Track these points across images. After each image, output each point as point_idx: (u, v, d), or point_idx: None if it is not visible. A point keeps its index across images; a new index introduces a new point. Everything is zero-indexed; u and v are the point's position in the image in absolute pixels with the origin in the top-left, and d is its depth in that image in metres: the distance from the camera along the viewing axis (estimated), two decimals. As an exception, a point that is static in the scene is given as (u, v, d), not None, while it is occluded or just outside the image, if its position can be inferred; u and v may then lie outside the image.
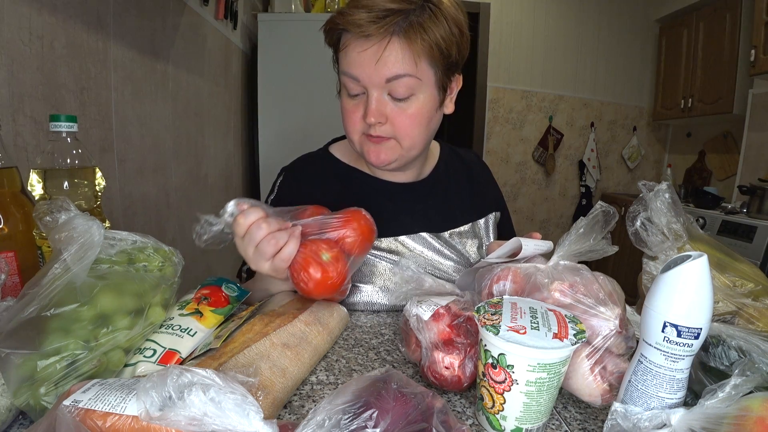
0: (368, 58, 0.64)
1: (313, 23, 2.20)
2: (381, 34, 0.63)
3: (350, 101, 0.71)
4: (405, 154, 0.73)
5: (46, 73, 0.89)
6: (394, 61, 0.64)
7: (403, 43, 0.63)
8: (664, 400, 0.42)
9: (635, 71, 3.71)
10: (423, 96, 0.68)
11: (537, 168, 3.73)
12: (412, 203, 0.82)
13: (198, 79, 1.70)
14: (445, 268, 0.81)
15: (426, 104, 0.69)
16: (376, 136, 0.69)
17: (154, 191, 1.38)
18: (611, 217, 0.54)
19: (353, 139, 0.73)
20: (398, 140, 0.71)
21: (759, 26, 2.47)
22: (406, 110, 0.68)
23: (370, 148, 0.71)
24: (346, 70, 0.68)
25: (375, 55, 0.64)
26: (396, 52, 0.64)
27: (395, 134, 0.70)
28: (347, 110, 0.71)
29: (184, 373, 0.29)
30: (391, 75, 0.65)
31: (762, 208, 2.31)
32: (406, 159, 0.74)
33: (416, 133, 0.70)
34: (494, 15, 3.42)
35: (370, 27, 0.62)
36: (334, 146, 0.88)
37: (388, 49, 0.63)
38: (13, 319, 0.40)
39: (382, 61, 0.64)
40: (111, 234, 0.49)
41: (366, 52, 0.64)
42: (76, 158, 0.56)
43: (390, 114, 0.68)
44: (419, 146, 0.73)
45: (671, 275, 0.40)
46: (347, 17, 0.64)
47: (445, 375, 0.51)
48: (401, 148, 0.71)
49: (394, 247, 0.78)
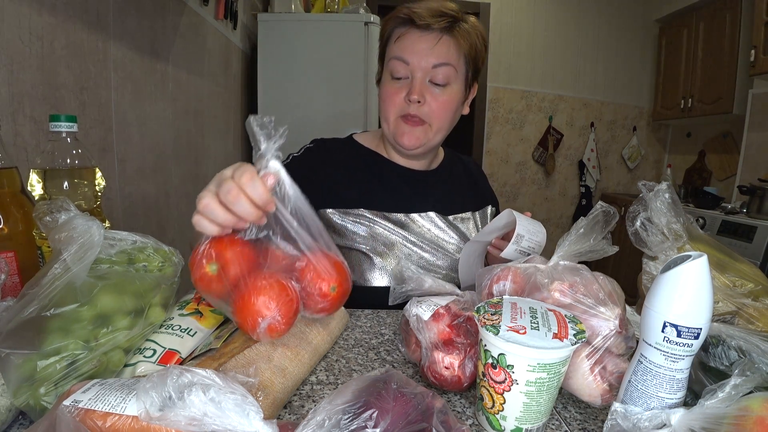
0: (423, 44, 0.79)
1: (313, 23, 2.20)
2: (436, 28, 0.79)
3: (393, 85, 0.83)
4: (432, 138, 0.85)
5: (46, 73, 0.89)
6: (442, 51, 0.80)
7: (451, 40, 0.80)
8: (664, 400, 0.42)
9: (635, 71, 3.71)
10: (455, 87, 0.83)
11: (537, 168, 3.73)
12: (425, 187, 0.93)
13: (198, 79, 1.70)
14: (447, 246, 0.90)
15: (456, 95, 0.83)
16: (413, 116, 0.82)
17: (154, 191, 1.38)
18: (611, 217, 0.54)
19: (389, 120, 0.85)
20: (430, 122, 0.83)
21: (759, 26, 2.47)
22: (440, 96, 0.82)
23: (405, 130, 0.84)
24: (399, 54, 0.81)
25: (430, 43, 0.79)
26: (445, 44, 0.80)
27: (429, 116, 0.83)
28: (389, 93, 0.84)
29: (184, 373, 0.29)
30: (438, 62, 0.80)
31: (762, 208, 2.31)
32: (430, 145, 0.86)
33: (445, 117, 0.84)
34: (494, 15, 3.42)
35: (430, 19, 0.78)
36: (356, 136, 0.99)
37: (441, 41, 0.79)
38: (13, 319, 0.40)
39: (434, 50, 0.79)
40: (111, 234, 0.49)
41: (422, 39, 0.80)
42: (76, 158, 0.56)
43: (428, 97, 0.81)
44: (443, 131, 0.86)
45: (671, 275, 0.40)
46: (413, 10, 0.80)
47: (445, 375, 0.51)
48: (430, 131, 0.84)
49: (404, 221, 0.88)
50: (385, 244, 0.86)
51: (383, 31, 0.86)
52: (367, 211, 0.86)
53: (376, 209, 0.87)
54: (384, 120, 0.86)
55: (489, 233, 0.73)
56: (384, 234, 0.86)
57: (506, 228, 0.72)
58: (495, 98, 3.55)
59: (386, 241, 0.86)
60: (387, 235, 0.86)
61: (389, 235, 0.87)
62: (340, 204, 0.86)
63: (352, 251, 0.86)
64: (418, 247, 0.88)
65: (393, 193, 0.89)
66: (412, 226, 0.89)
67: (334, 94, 2.23)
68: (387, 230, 0.87)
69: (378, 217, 0.87)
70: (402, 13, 0.81)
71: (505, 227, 0.72)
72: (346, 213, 0.86)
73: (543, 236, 0.69)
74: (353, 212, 0.86)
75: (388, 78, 0.84)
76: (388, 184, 0.90)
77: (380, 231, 0.86)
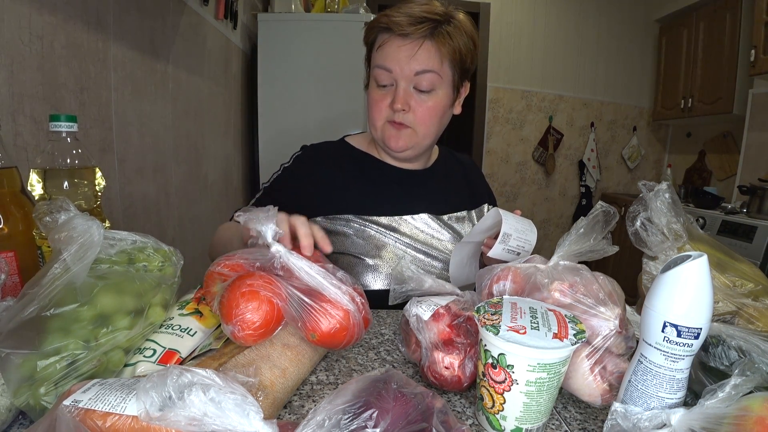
0: (404, 53, 0.77)
1: (313, 23, 2.20)
2: (416, 36, 0.76)
3: (378, 92, 0.82)
4: (420, 142, 0.84)
5: (46, 73, 0.89)
6: (424, 58, 0.77)
7: (433, 46, 0.77)
8: (664, 400, 0.41)
9: (635, 71, 3.71)
10: (441, 92, 0.81)
11: (537, 168, 3.73)
12: (417, 188, 0.92)
13: (198, 79, 1.70)
14: (441, 247, 0.90)
15: (442, 100, 0.82)
16: (399, 122, 0.81)
17: (154, 191, 1.38)
18: (611, 217, 0.54)
19: (376, 126, 0.84)
20: (415, 129, 0.82)
21: (759, 26, 2.47)
22: (426, 102, 0.80)
23: (392, 133, 0.83)
24: (381, 63, 0.80)
25: (410, 52, 0.77)
26: (427, 51, 0.77)
27: (414, 123, 0.81)
28: (375, 100, 0.83)
29: (184, 373, 0.29)
30: (420, 69, 0.78)
31: (762, 208, 2.31)
32: (419, 148, 0.86)
33: (431, 123, 0.82)
34: (494, 15, 3.42)
35: (409, 28, 0.76)
36: (348, 138, 0.99)
37: (422, 48, 0.77)
38: (13, 319, 0.40)
39: (415, 57, 0.77)
40: (111, 234, 0.49)
41: (402, 48, 0.77)
42: (76, 158, 0.56)
43: (413, 104, 0.80)
44: (431, 136, 0.85)
45: (671, 275, 0.40)
46: (391, 18, 0.77)
47: (445, 375, 0.51)
48: (417, 136, 0.83)
49: (395, 225, 0.87)
50: (377, 247, 0.85)
51: (367, 38, 0.85)
52: (357, 215, 0.85)
53: (367, 212, 0.86)
54: (371, 126, 0.86)
55: (478, 234, 0.72)
56: (376, 237, 0.85)
57: (495, 227, 0.70)
58: (495, 98, 3.55)
59: (378, 243, 0.85)
60: (379, 238, 0.85)
61: (381, 237, 0.86)
62: (331, 209, 0.86)
63: (344, 256, 0.85)
64: (412, 248, 0.87)
65: (384, 196, 0.88)
66: (404, 228, 0.88)
67: (333, 94, 2.23)
68: (379, 233, 0.86)
69: (369, 221, 0.86)
70: (381, 22, 0.79)
71: (493, 227, 0.70)
72: (336, 218, 0.85)
73: (533, 234, 0.67)
74: (343, 216, 0.85)
75: (374, 84, 0.83)
76: (379, 186, 0.89)
77: (372, 234, 0.85)
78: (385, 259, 0.85)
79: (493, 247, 0.65)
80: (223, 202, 2.05)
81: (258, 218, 0.51)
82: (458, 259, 0.76)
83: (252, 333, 0.47)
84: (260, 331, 0.47)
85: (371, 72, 0.84)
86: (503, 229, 0.64)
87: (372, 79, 0.84)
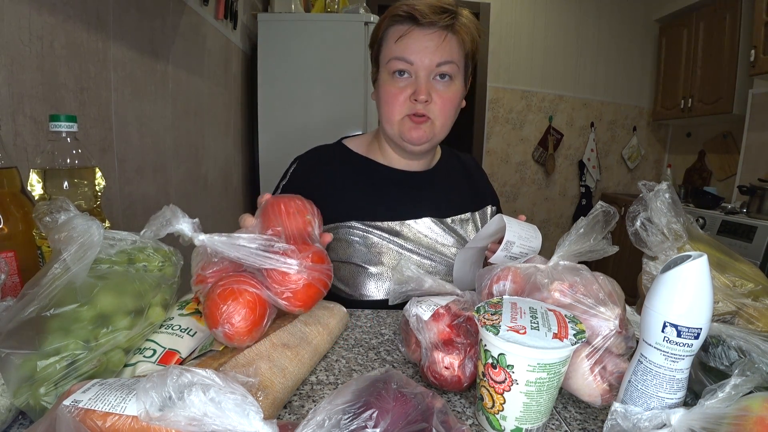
0: (428, 43, 0.77)
1: (313, 23, 2.20)
2: (441, 25, 0.77)
3: (395, 85, 0.80)
4: (437, 134, 0.84)
5: (45, 73, 0.89)
6: (447, 50, 0.78)
7: (454, 37, 0.79)
8: (664, 400, 0.42)
9: (635, 71, 3.71)
10: (457, 82, 0.82)
11: (537, 168, 3.73)
12: (420, 191, 0.91)
13: (198, 79, 1.70)
14: (445, 251, 0.88)
15: (458, 91, 0.83)
16: (420, 114, 0.80)
17: (154, 191, 1.38)
18: (611, 217, 0.54)
19: (393, 121, 0.82)
20: (435, 120, 0.82)
21: (759, 26, 2.47)
22: (445, 93, 0.81)
23: (411, 126, 0.81)
24: (400, 55, 0.79)
25: (435, 42, 0.77)
26: (450, 42, 0.79)
27: (435, 113, 0.81)
28: (393, 93, 0.81)
29: (184, 374, 0.29)
30: (442, 60, 0.78)
31: (762, 208, 2.31)
32: (435, 141, 0.85)
33: (449, 114, 0.83)
34: (494, 15, 3.42)
35: (434, 16, 0.76)
36: (346, 140, 0.96)
37: (446, 39, 0.78)
38: (13, 319, 0.40)
39: (440, 48, 0.78)
40: (111, 234, 0.49)
41: (427, 38, 0.77)
42: (76, 158, 0.56)
43: (434, 95, 0.80)
44: (447, 128, 0.85)
45: (671, 275, 0.40)
46: (414, 6, 0.77)
47: (445, 375, 0.51)
48: (435, 128, 0.82)
49: (398, 229, 0.86)
50: (380, 253, 0.84)
51: (378, 30, 0.83)
52: (359, 222, 0.84)
53: (369, 219, 0.84)
54: (386, 122, 0.83)
55: (481, 239, 0.71)
56: (378, 243, 0.84)
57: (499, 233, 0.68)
58: (495, 98, 3.55)
59: (381, 249, 0.84)
60: (382, 244, 0.84)
61: (384, 243, 0.84)
62: (332, 218, 0.84)
63: (346, 264, 0.84)
64: (415, 254, 0.85)
65: (386, 201, 0.87)
66: (407, 233, 0.86)
67: (333, 94, 2.23)
68: (381, 239, 0.84)
69: (371, 227, 0.84)
70: (401, 10, 0.78)
71: (497, 232, 0.69)
72: (337, 227, 0.84)
73: (537, 241, 0.66)
74: (345, 224, 0.84)
75: (388, 78, 0.81)
76: (380, 191, 0.88)
77: (374, 240, 0.84)
78: (388, 266, 0.84)
79: (495, 254, 0.64)
80: (222, 202, 2.05)
81: (167, 221, 0.49)
82: (461, 264, 0.76)
83: (242, 327, 0.47)
84: (249, 321, 0.47)
85: (385, 66, 0.81)
86: (506, 237, 0.62)
87: (385, 72, 0.81)
